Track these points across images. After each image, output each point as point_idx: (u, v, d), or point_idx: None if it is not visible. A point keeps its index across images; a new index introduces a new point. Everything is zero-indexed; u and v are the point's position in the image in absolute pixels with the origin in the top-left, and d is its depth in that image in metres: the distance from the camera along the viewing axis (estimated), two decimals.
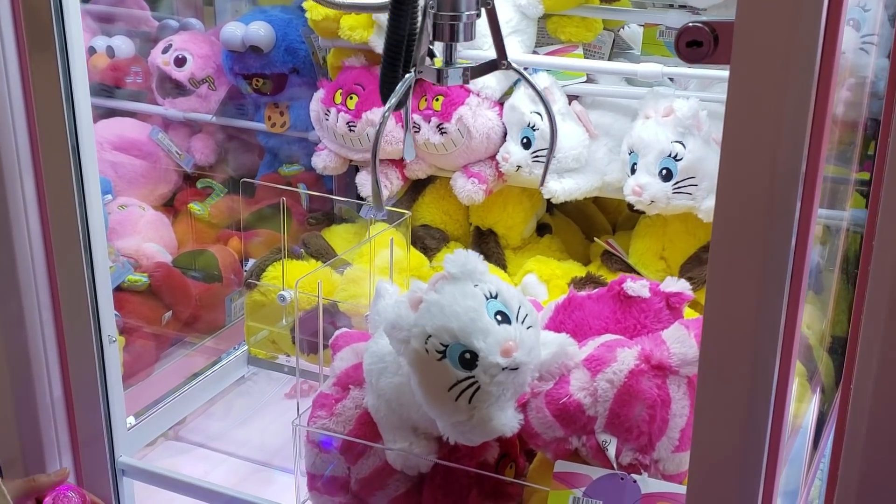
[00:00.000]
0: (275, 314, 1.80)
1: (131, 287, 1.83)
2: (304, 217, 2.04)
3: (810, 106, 0.92)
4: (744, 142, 0.94)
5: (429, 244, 1.87)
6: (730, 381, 1.01)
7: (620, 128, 1.73)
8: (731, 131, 0.93)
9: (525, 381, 1.19)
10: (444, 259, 1.21)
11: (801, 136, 0.93)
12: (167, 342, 1.95)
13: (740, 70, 0.91)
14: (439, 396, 1.18)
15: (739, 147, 0.94)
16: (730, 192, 0.96)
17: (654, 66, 1.61)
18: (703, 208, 1.60)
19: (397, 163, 1.86)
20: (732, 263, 0.97)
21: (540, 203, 1.88)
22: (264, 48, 1.94)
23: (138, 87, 2.16)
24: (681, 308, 1.36)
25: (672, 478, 1.23)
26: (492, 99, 1.75)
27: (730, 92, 0.92)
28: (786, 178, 0.94)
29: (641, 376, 1.19)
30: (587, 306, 1.37)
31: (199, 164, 2.13)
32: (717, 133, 1.61)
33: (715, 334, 0.99)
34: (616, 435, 1.20)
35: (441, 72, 1.21)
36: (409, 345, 1.19)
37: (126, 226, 1.95)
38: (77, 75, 1.36)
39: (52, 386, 1.51)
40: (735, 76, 0.91)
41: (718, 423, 1.02)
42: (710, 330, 1.00)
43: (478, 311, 1.16)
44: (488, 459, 1.31)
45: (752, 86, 0.91)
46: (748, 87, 0.92)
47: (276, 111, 2.02)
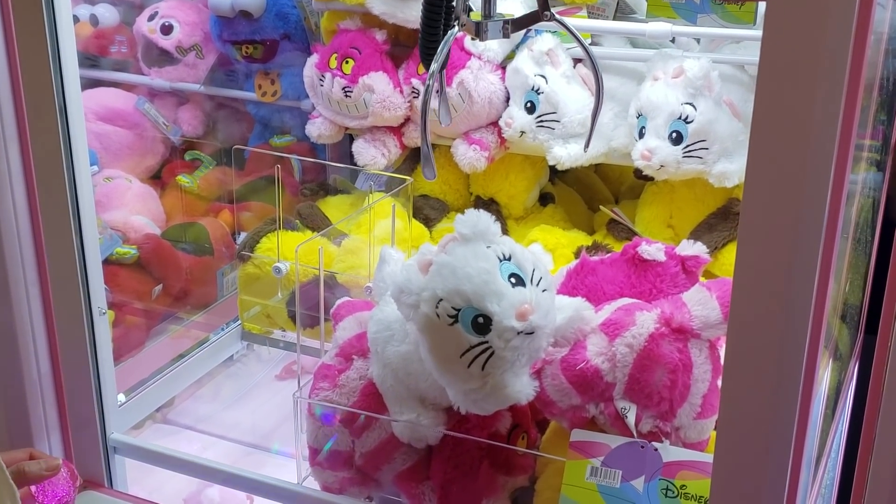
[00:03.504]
0: (269, 287, 1.75)
1: (120, 260, 1.77)
2: (297, 188, 1.98)
3: (849, 51, 0.87)
4: (778, 95, 0.89)
5: (429, 214, 1.81)
6: (760, 346, 0.96)
7: (626, 91, 1.68)
8: (765, 85, 0.88)
9: (541, 346, 1.14)
10: (455, 219, 1.15)
11: (837, 90, 0.88)
12: (157, 317, 1.89)
13: (776, 13, 0.86)
14: (451, 363, 1.13)
15: (774, 100, 0.89)
16: (763, 151, 0.91)
17: (663, 25, 1.56)
18: (714, 172, 1.55)
19: (395, 130, 1.80)
20: (765, 223, 0.92)
21: (543, 172, 1.82)
22: (255, 13, 1.88)
23: (123, 57, 2.09)
24: (697, 272, 1.31)
25: (693, 446, 1.18)
26: (494, 62, 1.69)
27: (765, 34, 0.87)
28: (822, 134, 0.89)
29: (662, 340, 1.14)
30: (600, 271, 1.32)
31: (186, 136, 2.07)
32: (728, 95, 1.57)
33: (745, 296, 0.95)
34: (636, 401, 1.15)
35: (480, 25, 1.15)
36: (418, 310, 1.13)
37: (112, 198, 1.89)
38: (65, 42, 1.30)
39: (40, 361, 1.45)
40: (770, 20, 0.87)
41: (748, 388, 0.98)
42: (741, 291, 0.95)
43: (491, 273, 1.11)
44: (500, 430, 1.26)
45: (788, 35, 0.87)
46: (784, 34, 0.87)
47: (267, 79, 1.96)
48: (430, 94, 1.16)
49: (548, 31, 1.65)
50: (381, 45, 1.74)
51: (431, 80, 1.16)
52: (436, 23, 1.14)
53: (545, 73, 1.63)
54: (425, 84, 1.16)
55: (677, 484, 1.12)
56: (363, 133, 1.81)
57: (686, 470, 1.13)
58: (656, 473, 1.13)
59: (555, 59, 1.64)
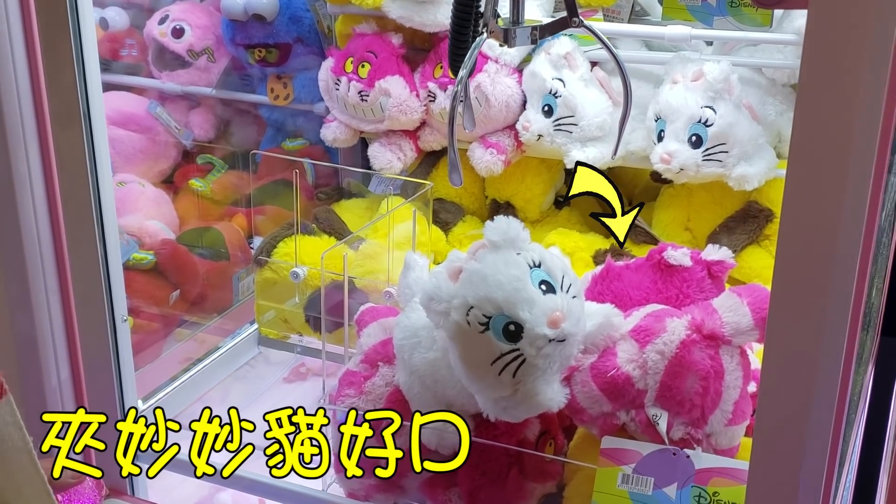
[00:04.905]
0: (286, 292, 1.74)
1: (137, 265, 1.76)
2: (311, 192, 1.97)
3: (891, 49, 0.87)
4: (821, 93, 0.88)
5: (445, 218, 1.80)
6: (798, 353, 0.96)
7: (643, 95, 1.67)
8: (808, 84, 0.88)
9: (572, 354, 1.13)
10: (485, 226, 1.15)
11: (881, 84, 0.87)
12: (174, 323, 1.88)
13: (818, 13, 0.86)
14: (481, 371, 1.13)
15: (817, 98, 0.89)
16: (804, 152, 0.91)
17: (682, 28, 1.55)
18: (733, 176, 1.55)
19: (410, 134, 1.80)
20: (805, 224, 0.92)
21: (559, 175, 1.82)
22: (268, 17, 1.87)
23: (134, 61, 2.08)
24: (722, 277, 1.31)
25: (724, 452, 1.18)
26: (511, 65, 1.69)
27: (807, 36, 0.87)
28: (863, 135, 0.89)
29: (693, 347, 1.14)
30: (626, 276, 1.32)
31: (198, 140, 2.06)
32: (748, 98, 1.57)
33: (784, 303, 0.94)
34: (667, 408, 1.15)
35: (508, 32, 1.14)
36: (448, 317, 1.13)
37: (126, 203, 1.88)
38: (88, 46, 1.30)
39: (60, 369, 1.44)
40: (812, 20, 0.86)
41: (785, 395, 0.97)
42: (779, 298, 0.95)
43: (522, 281, 1.10)
44: (528, 437, 1.26)
45: (831, 31, 0.86)
46: (826, 33, 0.87)
47: (280, 83, 1.95)
48: (458, 100, 1.16)
49: (565, 35, 1.64)
50: (398, 48, 1.73)
51: (459, 87, 1.15)
52: (465, 29, 1.14)
53: (563, 77, 1.63)
54: (453, 90, 1.16)
55: (710, 491, 1.12)
56: (378, 137, 1.81)
57: (718, 477, 1.13)
58: (688, 481, 1.13)
59: (572, 62, 1.63)
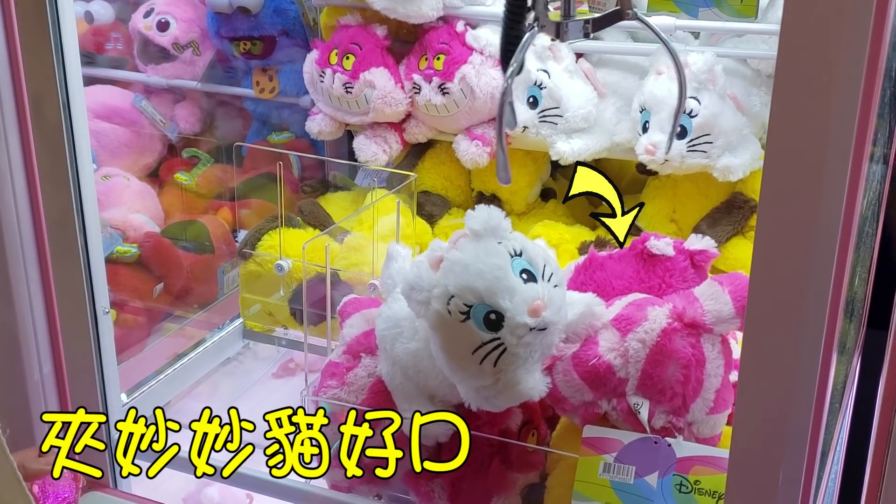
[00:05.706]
0: (271, 285, 1.73)
1: (121, 258, 1.75)
2: (297, 186, 1.96)
3: (867, 38, 0.87)
4: (797, 81, 0.88)
5: (430, 211, 1.80)
6: (778, 341, 0.96)
7: (628, 86, 1.67)
8: (783, 82, 0.89)
9: (553, 343, 1.13)
10: (466, 215, 1.14)
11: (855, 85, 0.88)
12: (158, 316, 1.88)
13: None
14: (462, 360, 1.13)
15: (793, 87, 0.89)
16: (780, 146, 0.91)
17: (666, 18, 1.55)
18: (718, 167, 1.55)
19: (396, 126, 1.79)
20: (782, 218, 0.92)
21: (545, 167, 1.82)
22: (253, 9, 1.86)
23: (119, 54, 2.07)
24: (705, 267, 1.30)
25: (706, 441, 1.18)
26: (496, 57, 1.68)
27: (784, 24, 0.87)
28: (840, 125, 0.89)
29: (674, 335, 1.14)
30: (609, 266, 1.31)
31: (183, 133, 2.05)
32: (733, 89, 1.57)
33: (763, 291, 0.95)
34: (648, 397, 1.15)
35: (560, 26, 1.11)
36: (429, 306, 1.13)
37: (111, 196, 1.87)
38: (67, 38, 1.30)
39: (42, 361, 1.44)
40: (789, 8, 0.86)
41: (765, 383, 0.98)
42: (758, 286, 0.95)
43: (503, 270, 1.10)
44: (511, 427, 1.25)
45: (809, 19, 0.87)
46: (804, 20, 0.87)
47: (265, 76, 1.94)
48: (508, 95, 1.12)
49: None
50: (382, 40, 1.73)
51: (510, 81, 1.11)
52: (519, 23, 1.11)
53: (547, 68, 1.63)
54: (503, 85, 1.11)
55: (691, 479, 1.12)
56: (364, 129, 1.80)
57: (700, 465, 1.13)
58: (670, 469, 1.13)
59: (557, 53, 1.63)
